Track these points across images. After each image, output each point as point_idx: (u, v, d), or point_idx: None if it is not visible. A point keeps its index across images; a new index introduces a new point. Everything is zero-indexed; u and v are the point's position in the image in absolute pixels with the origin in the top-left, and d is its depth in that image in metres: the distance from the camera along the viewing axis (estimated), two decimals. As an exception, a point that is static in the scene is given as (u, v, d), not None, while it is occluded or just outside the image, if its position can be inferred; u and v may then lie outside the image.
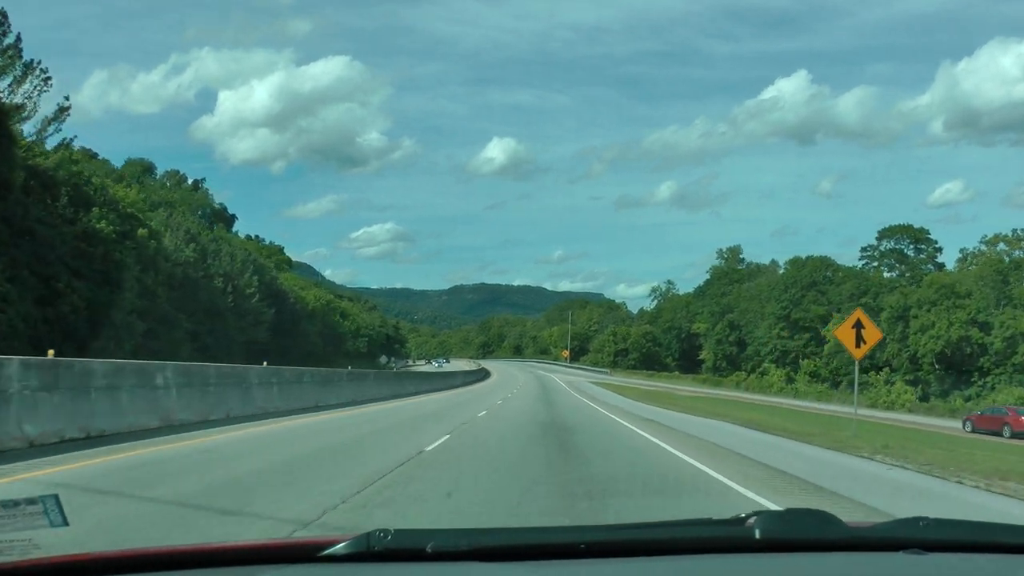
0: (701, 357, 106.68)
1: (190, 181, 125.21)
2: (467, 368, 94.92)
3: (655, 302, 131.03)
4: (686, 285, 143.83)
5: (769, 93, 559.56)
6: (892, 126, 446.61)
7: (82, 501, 6.63)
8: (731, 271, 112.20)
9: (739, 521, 1.77)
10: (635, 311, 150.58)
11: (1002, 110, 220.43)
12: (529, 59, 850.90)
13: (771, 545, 1.70)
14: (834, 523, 1.82)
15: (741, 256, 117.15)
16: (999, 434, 33.59)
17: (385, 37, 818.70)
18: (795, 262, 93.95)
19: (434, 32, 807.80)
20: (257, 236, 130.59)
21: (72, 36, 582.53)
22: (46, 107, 41.57)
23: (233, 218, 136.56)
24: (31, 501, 1.72)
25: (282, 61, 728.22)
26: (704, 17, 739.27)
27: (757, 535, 1.70)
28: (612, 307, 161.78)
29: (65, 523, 1.72)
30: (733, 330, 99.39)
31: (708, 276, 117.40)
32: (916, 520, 1.85)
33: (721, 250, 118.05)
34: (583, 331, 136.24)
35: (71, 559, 1.65)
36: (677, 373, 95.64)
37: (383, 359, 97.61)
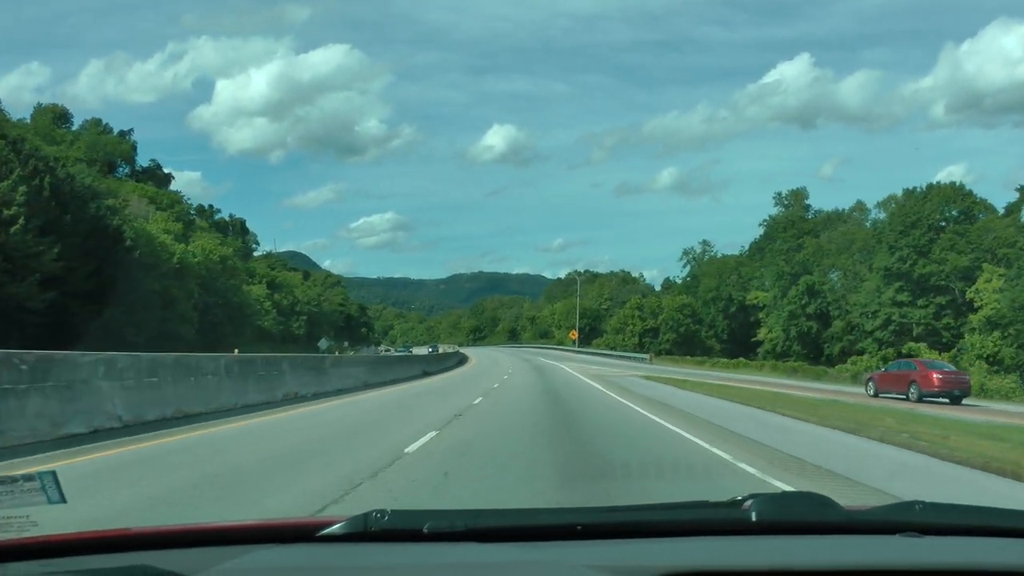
0: (759, 337, 77.62)
1: (115, 131, 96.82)
2: (422, 353, 65.80)
3: (687, 267, 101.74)
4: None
5: (771, 77, 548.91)
6: (894, 110, 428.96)
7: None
8: (798, 220, 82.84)
9: (736, 504, 1.76)
10: (649, 291, 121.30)
11: (1004, 92, 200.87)
12: (528, 47, 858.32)
13: (768, 527, 1.70)
14: (830, 506, 1.81)
15: (807, 202, 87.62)
16: (905, 397, 24.83)
17: (383, 25, 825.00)
18: (911, 195, 64.44)
19: (432, 20, 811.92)
20: (179, 193, 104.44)
21: (68, 29, 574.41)
22: None
23: (168, 177, 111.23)
24: (28, 478, 1.68)
25: (281, 49, 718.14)
26: (701, 4, 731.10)
27: (754, 517, 1.70)
28: (627, 280, 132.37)
29: (63, 500, 1.69)
30: (813, 298, 70.19)
31: (763, 229, 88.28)
32: (912, 504, 1.86)
33: (780, 194, 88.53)
34: (593, 308, 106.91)
35: (69, 537, 1.66)
36: (742, 360, 66.34)
37: (323, 343, 68.69)
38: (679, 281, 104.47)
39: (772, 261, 77.45)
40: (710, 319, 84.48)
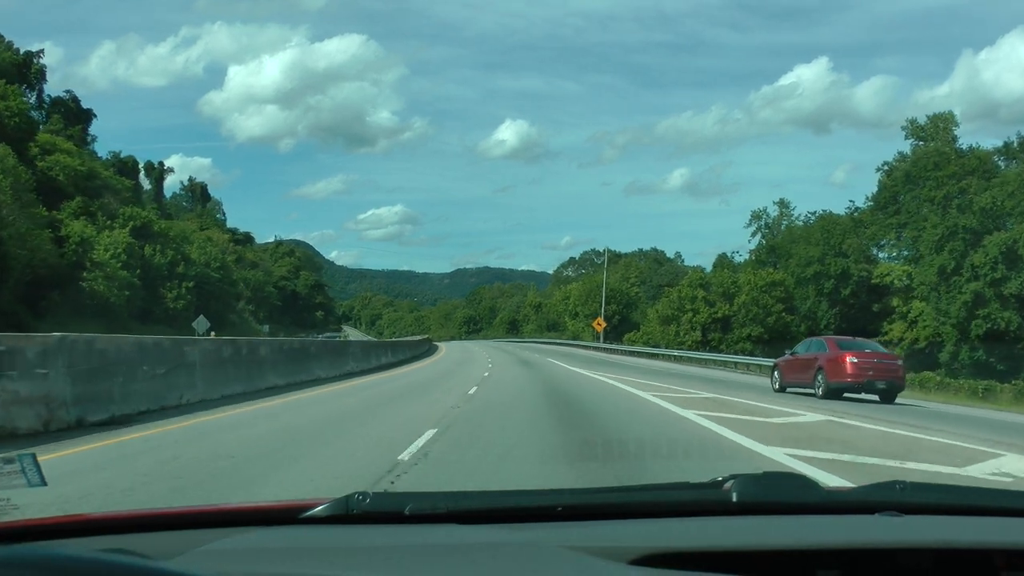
0: (892, 334, 49.23)
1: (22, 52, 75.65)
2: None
3: (757, 237, 72.84)
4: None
5: (784, 81, 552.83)
6: (908, 117, 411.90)
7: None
8: (953, 156, 53.67)
9: (716, 484, 1.77)
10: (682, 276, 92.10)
11: (1021, 102, 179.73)
12: (540, 45, 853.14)
13: (748, 508, 1.72)
14: (811, 486, 1.85)
15: (954, 130, 58.37)
16: (811, 391, 19.46)
17: (397, 18, 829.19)
18: None
19: (444, 15, 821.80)
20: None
21: (82, 11, 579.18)
22: None
23: (89, 114, 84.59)
24: (8, 460, 1.68)
25: (296, 37, 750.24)
26: (713, 7, 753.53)
27: (734, 498, 1.71)
28: (660, 260, 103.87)
29: (43, 483, 1.70)
30: (1014, 270, 41.54)
31: (882, 175, 59.38)
32: (893, 484, 1.86)
33: (912, 122, 59.42)
34: (619, 290, 78.08)
35: (48, 521, 1.66)
36: (926, 374, 37.06)
37: (199, 323, 41.29)
38: (745, 257, 75.13)
39: (920, 212, 48.77)
40: (808, 306, 55.60)
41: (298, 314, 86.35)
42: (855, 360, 19.10)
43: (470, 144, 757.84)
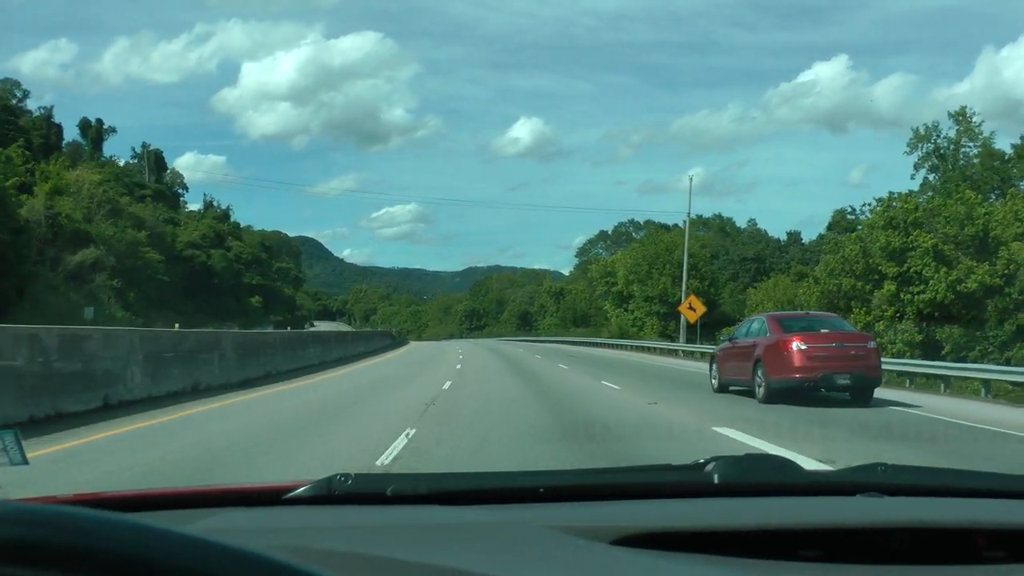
0: None
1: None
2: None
3: (923, 169, 45.13)
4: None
5: (799, 80, 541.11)
6: (925, 115, 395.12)
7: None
8: None
9: (698, 466, 1.80)
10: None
11: None
12: (551, 44, 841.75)
13: (729, 489, 1.73)
14: (792, 468, 1.87)
15: None
16: (751, 391, 14.15)
17: (409, 16, 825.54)
18: None
19: (456, 14, 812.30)
20: None
21: (97, 9, 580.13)
22: None
23: None
24: None
25: (311, 34, 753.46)
26: (725, 6, 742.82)
27: (716, 480, 1.73)
28: (726, 229, 76.23)
29: (25, 462, 1.68)
30: None
31: None
32: (874, 466, 1.89)
33: None
34: (701, 257, 50.10)
35: (35, 502, 1.64)
36: None
37: None
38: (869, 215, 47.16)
39: None
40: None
41: (213, 298, 58.87)
42: (803, 346, 13.43)
43: (483, 142, 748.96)
